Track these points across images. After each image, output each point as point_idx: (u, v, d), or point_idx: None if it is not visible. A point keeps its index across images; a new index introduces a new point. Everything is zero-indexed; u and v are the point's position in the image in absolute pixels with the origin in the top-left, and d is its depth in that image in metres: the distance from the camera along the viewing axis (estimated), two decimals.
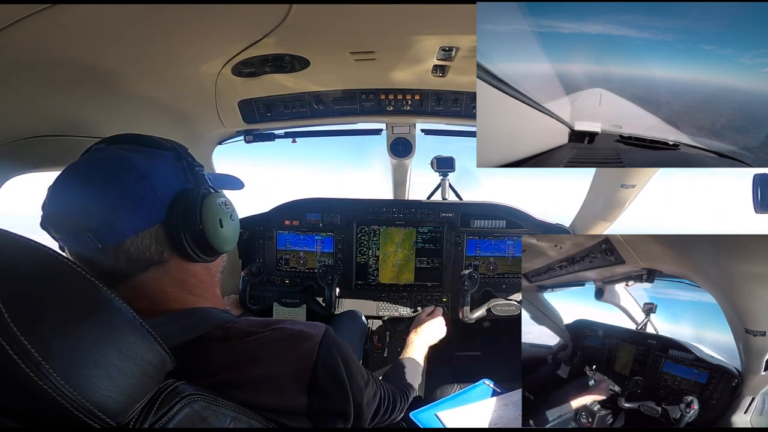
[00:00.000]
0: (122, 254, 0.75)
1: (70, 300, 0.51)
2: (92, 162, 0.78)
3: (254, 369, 0.74)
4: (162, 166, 0.80)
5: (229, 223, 0.86)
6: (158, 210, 0.77)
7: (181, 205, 0.79)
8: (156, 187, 0.77)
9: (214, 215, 0.82)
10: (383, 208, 2.05)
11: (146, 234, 0.76)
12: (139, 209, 0.75)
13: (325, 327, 0.85)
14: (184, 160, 0.84)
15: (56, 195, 0.76)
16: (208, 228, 0.81)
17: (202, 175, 0.85)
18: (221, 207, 0.84)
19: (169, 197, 0.79)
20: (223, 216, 0.84)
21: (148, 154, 0.80)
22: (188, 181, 0.83)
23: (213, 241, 0.82)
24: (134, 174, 0.75)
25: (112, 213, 0.74)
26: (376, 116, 1.82)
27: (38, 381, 0.46)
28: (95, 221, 0.73)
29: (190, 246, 0.80)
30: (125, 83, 1.17)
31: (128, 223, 0.75)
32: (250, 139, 1.89)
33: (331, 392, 0.80)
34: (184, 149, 0.86)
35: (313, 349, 0.79)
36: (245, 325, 0.80)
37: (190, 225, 0.79)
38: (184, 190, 0.81)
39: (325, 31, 1.10)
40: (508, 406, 1.51)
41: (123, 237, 0.74)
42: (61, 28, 0.84)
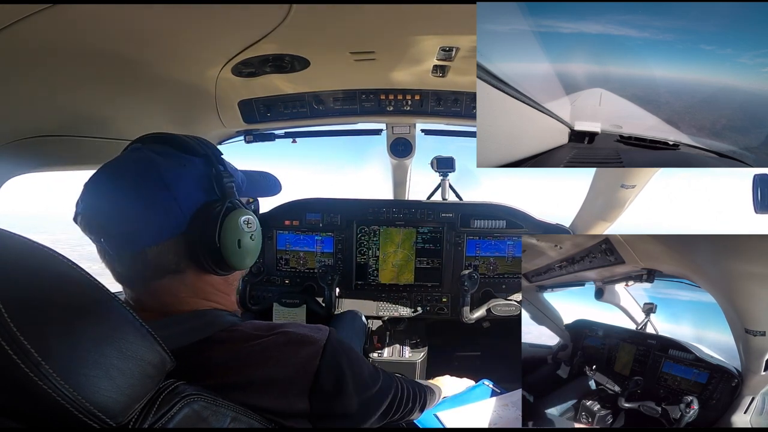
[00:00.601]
0: (140, 261, 0.75)
1: (70, 300, 0.51)
2: (121, 165, 0.77)
3: (257, 372, 0.74)
4: (189, 175, 0.78)
5: (248, 243, 0.82)
6: (179, 222, 0.75)
7: (202, 220, 0.77)
8: (179, 198, 0.75)
9: (233, 234, 0.79)
10: (383, 209, 2.05)
11: (165, 245, 0.75)
12: (160, 221, 0.74)
13: (329, 330, 0.85)
14: (214, 168, 0.81)
15: (86, 194, 0.76)
16: (226, 247, 0.78)
17: (230, 186, 0.81)
18: (242, 226, 0.81)
19: (191, 209, 0.77)
20: (243, 236, 0.80)
21: (178, 161, 0.78)
22: (214, 192, 0.80)
23: (230, 260, 0.79)
24: (159, 184, 0.74)
25: (133, 223, 0.73)
26: (376, 116, 1.82)
27: (38, 381, 0.46)
28: (115, 228, 0.73)
29: (207, 261, 0.78)
30: (125, 83, 1.17)
31: (148, 234, 0.74)
32: (250, 139, 1.90)
33: (334, 395, 0.80)
34: (217, 155, 0.84)
35: (317, 353, 0.79)
36: (250, 328, 0.80)
37: (207, 241, 0.77)
38: (208, 203, 0.78)
39: (325, 31, 1.10)
40: (508, 406, 1.51)
41: (142, 246, 0.74)
42: (61, 28, 0.84)
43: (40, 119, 1.11)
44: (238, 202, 0.83)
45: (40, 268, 0.51)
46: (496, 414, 1.48)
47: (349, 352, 0.87)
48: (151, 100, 1.34)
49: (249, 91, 1.54)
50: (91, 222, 0.75)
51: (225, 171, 0.82)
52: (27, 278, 0.50)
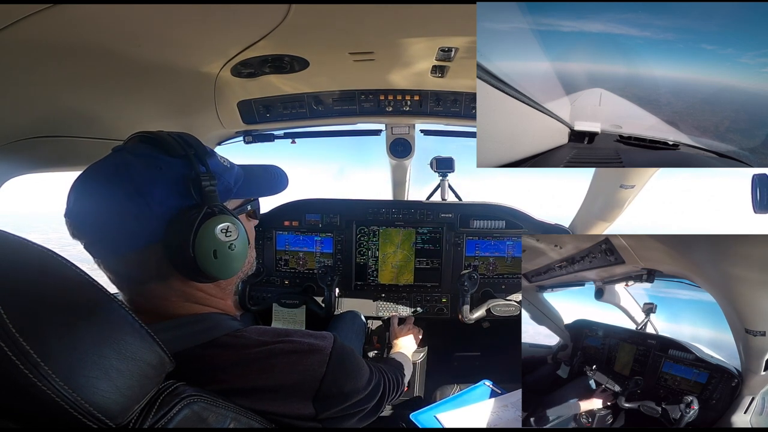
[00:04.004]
0: (121, 266, 0.75)
1: (69, 301, 0.51)
2: (98, 169, 0.75)
3: (262, 379, 0.74)
4: (164, 179, 0.73)
5: (226, 254, 0.76)
6: (155, 229, 0.72)
7: (178, 227, 0.72)
8: (152, 204, 0.71)
9: (208, 244, 0.73)
10: (383, 209, 2.05)
11: (145, 251, 0.73)
12: (132, 228, 0.71)
13: (333, 338, 0.86)
14: (194, 171, 0.75)
15: (70, 197, 0.75)
16: (200, 257, 0.73)
17: (211, 190, 0.75)
18: (219, 235, 0.74)
19: (166, 215, 0.73)
20: (219, 246, 0.74)
21: (155, 163, 0.74)
22: (191, 196, 0.74)
23: (206, 270, 0.74)
24: (130, 190, 0.71)
25: (105, 229, 0.72)
26: (376, 117, 1.82)
27: (37, 382, 0.45)
28: (89, 234, 0.73)
29: (185, 270, 0.74)
30: (124, 84, 1.17)
31: (123, 241, 0.72)
32: (250, 139, 1.89)
33: (337, 400, 0.82)
34: (201, 155, 0.78)
35: (323, 361, 0.80)
36: (255, 333, 0.80)
37: (182, 250, 0.72)
38: (183, 210, 0.73)
39: (324, 31, 1.09)
40: (508, 407, 1.51)
41: (123, 251, 0.73)
42: (59, 28, 0.84)
43: (38, 120, 1.10)
44: (219, 207, 0.77)
45: (39, 269, 0.51)
46: (495, 415, 1.48)
47: (351, 357, 0.89)
48: (149, 101, 1.34)
49: (248, 91, 1.54)
50: (74, 225, 0.74)
51: (206, 173, 0.76)
52: (26, 279, 0.49)
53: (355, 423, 0.91)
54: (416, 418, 1.49)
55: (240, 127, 1.78)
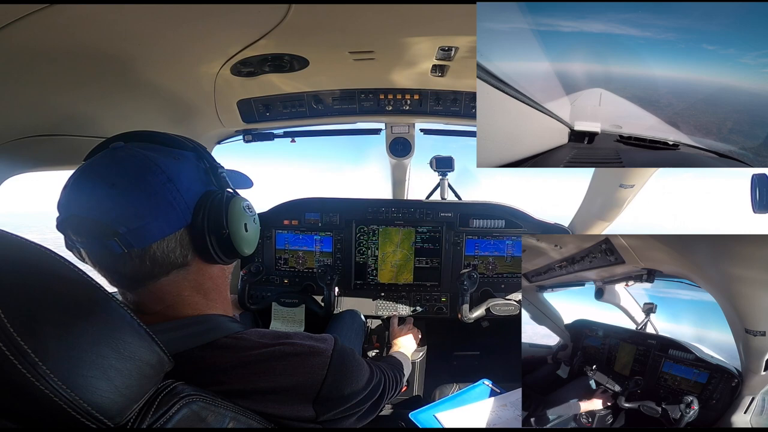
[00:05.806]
0: (148, 258, 0.73)
1: (67, 300, 0.51)
2: (114, 162, 0.74)
3: (262, 381, 0.75)
4: (186, 167, 0.79)
5: (253, 227, 0.86)
6: (184, 213, 0.76)
7: (206, 209, 0.78)
8: (182, 190, 0.76)
9: (240, 219, 0.82)
10: (382, 208, 2.05)
11: (172, 238, 0.75)
12: (167, 213, 0.74)
13: (334, 339, 0.87)
14: (205, 161, 0.83)
15: (76, 196, 0.72)
16: (234, 232, 0.80)
17: (223, 176, 0.84)
18: (246, 211, 0.84)
19: (193, 200, 0.77)
20: (248, 220, 0.84)
21: (172, 155, 0.78)
22: (210, 182, 0.82)
23: (238, 245, 0.82)
24: (162, 177, 0.73)
25: (141, 218, 0.71)
26: (375, 116, 1.82)
27: (35, 382, 0.45)
28: (122, 226, 0.70)
29: (214, 249, 0.79)
30: (124, 82, 1.17)
31: (156, 228, 0.73)
32: (249, 138, 1.89)
33: (337, 403, 0.83)
34: (204, 149, 0.85)
35: (324, 364, 0.81)
36: (256, 336, 0.80)
37: (215, 229, 0.78)
38: (208, 193, 0.80)
39: (324, 30, 1.09)
40: (507, 406, 1.51)
41: (150, 241, 0.72)
42: (60, 27, 0.84)
43: (36, 119, 1.10)
44: (234, 190, 0.85)
45: (37, 268, 0.51)
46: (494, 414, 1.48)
47: (351, 358, 0.89)
48: (149, 100, 1.34)
49: (248, 90, 1.53)
50: (89, 223, 0.70)
51: (216, 162, 0.85)
52: (24, 278, 0.49)
53: (354, 422, 0.91)
54: (415, 417, 1.49)
55: (240, 126, 1.78)
